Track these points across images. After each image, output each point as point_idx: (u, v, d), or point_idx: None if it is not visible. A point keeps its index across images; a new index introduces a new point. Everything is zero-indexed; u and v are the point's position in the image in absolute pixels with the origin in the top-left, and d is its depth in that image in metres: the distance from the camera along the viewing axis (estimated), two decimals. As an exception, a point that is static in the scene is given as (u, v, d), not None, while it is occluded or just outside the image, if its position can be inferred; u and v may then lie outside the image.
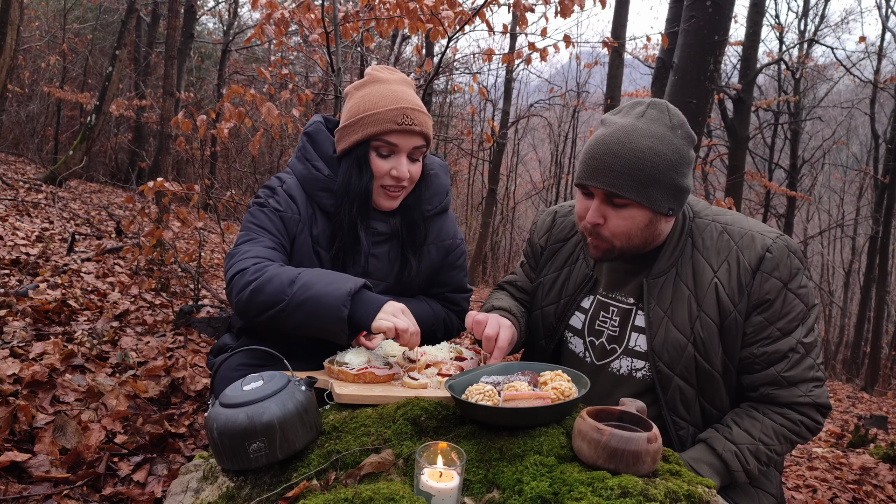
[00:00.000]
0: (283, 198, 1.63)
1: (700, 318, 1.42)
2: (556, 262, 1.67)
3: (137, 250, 4.70)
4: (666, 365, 1.44)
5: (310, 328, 1.41)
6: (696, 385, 1.45)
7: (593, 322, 1.57)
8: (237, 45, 13.61)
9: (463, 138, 12.92)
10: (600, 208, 1.40)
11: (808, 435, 1.43)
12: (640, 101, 1.42)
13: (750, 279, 1.39)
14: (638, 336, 1.50)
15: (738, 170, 8.50)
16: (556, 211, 1.75)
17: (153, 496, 1.95)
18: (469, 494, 1.06)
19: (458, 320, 1.89)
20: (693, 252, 1.45)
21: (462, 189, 20.46)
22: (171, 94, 7.23)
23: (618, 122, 1.38)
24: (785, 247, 1.40)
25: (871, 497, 3.63)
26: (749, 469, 1.38)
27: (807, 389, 1.40)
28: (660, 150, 1.34)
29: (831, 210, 19.56)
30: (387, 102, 1.56)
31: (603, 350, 1.55)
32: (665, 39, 4.50)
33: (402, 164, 1.58)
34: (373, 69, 1.68)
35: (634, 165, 1.33)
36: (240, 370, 1.57)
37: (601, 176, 1.35)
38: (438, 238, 1.78)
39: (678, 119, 1.39)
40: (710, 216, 1.50)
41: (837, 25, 21.62)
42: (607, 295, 1.56)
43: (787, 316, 1.39)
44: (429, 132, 1.62)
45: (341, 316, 1.35)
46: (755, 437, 1.39)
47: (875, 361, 11.84)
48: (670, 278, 1.46)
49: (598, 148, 1.37)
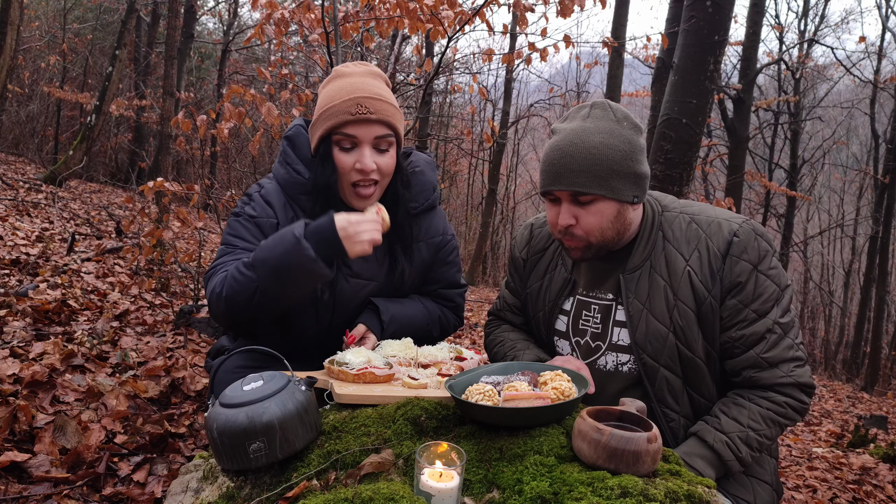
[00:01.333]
0: (258, 204, 1.63)
1: (677, 306, 1.46)
2: (538, 272, 1.72)
3: (137, 250, 4.71)
4: (650, 356, 1.48)
5: (295, 289, 1.43)
6: (682, 374, 1.49)
7: (576, 322, 1.61)
8: (237, 45, 13.61)
9: (463, 138, 12.92)
10: (570, 209, 1.45)
11: (795, 416, 1.44)
12: (583, 106, 1.50)
13: (720, 264, 1.43)
14: (620, 330, 1.54)
15: (738, 170, 8.51)
16: (531, 224, 1.80)
17: (153, 496, 1.95)
18: (469, 494, 1.06)
19: (455, 317, 1.88)
20: (665, 244, 1.50)
21: (462, 189, 20.47)
22: (171, 94, 7.24)
23: (566, 127, 1.46)
24: (751, 230, 1.45)
25: (871, 497, 3.63)
26: (742, 457, 1.41)
27: (788, 370, 1.42)
28: (611, 143, 1.41)
29: (831, 210, 19.56)
30: (342, 95, 1.56)
31: (588, 348, 1.59)
32: (665, 39, 4.50)
33: (364, 156, 1.56)
34: (341, 65, 1.68)
35: (592, 161, 1.40)
36: (238, 372, 1.56)
37: (563, 179, 1.42)
38: (428, 235, 1.77)
39: (622, 113, 1.47)
40: (678, 209, 1.55)
41: (837, 25, 21.69)
42: (587, 294, 1.60)
43: (760, 297, 1.42)
44: (391, 120, 1.59)
45: (309, 255, 1.38)
46: (744, 425, 1.41)
47: (875, 361, 11.84)
48: (645, 271, 1.50)
49: (553, 154, 1.44)
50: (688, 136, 3.40)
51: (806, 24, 14.39)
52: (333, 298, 1.66)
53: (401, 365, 1.49)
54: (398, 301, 1.75)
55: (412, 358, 1.52)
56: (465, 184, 20.00)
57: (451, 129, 16.00)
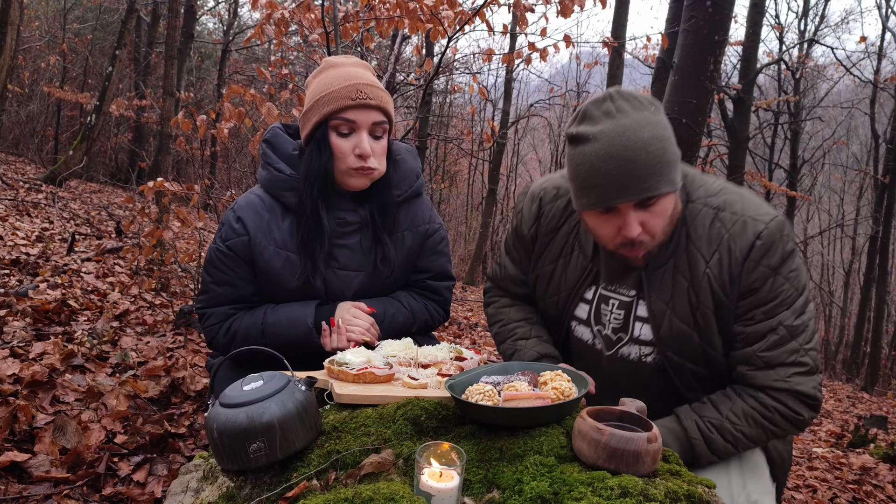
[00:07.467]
0: (228, 228, 1.64)
1: (700, 308, 1.42)
2: (551, 254, 1.62)
3: (137, 250, 4.71)
4: (675, 353, 1.46)
5: (296, 351, 1.60)
6: (706, 367, 1.46)
7: (598, 312, 1.56)
8: (237, 45, 13.61)
9: (463, 138, 12.92)
10: (636, 217, 1.32)
11: (784, 424, 1.38)
12: (598, 101, 1.33)
13: (739, 269, 1.37)
14: (642, 325, 1.50)
15: (739, 170, 8.51)
16: (540, 197, 1.64)
17: (153, 496, 1.95)
18: (469, 494, 1.06)
19: (441, 311, 1.87)
20: (687, 243, 1.43)
21: (462, 189, 20.47)
22: (171, 94, 7.23)
23: (599, 130, 1.28)
24: (777, 230, 1.36)
25: (871, 497, 3.63)
26: (712, 440, 1.38)
27: (785, 374, 1.36)
28: (659, 133, 1.29)
29: (831, 210, 19.55)
30: (340, 82, 1.57)
31: (609, 339, 1.56)
32: (665, 39, 4.50)
33: (363, 141, 1.57)
34: (330, 57, 1.70)
35: (654, 160, 1.27)
36: (238, 371, 1.57)
37: (630, 188, 1.27)
38: (413, 224, 1.76)
39: (643, 97, 1.33)
40: (703, 199, 1.44)
41: (837, 25, 21.61)
42: (607, 287, 1.55)
43: (773, 300, 1.37)
44: (387, 107, 1.61)
45: (315, 342, 1.63)
46: (722, 414, 1.39)
47: (875, 361, 11.84)
48: (668, 270, 1.44)
49: (606, 164, 1.26)
50: (688, 136, 3.40)
51: (806, 24, 14.40)
52: (325, 292, 1.68)
53: (401, 365, 1.48)
54: (379, 300, 1.75)
55: (412, 358, 1.52)
56: (465, 184, 20.00)
57: (451, 129, 16.01)
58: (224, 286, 1.65)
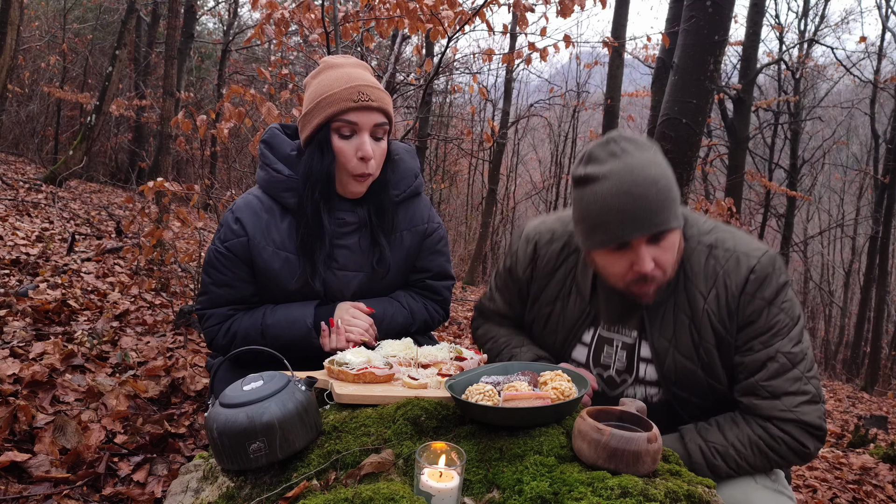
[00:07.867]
0: (227, 229, 1.64)
1: (702, 344, 1.44)
2: (547, 297, 1.63)
3: (137, 250, 4.70)
4: (680, 389, 1.48)
5: (296, 352, 1.59)
6: (712, 401, 1.48)
7: (598, 356, 1.57)
8: (237, 45, 13.60)
9: (463, 138, 12.92)
10: (649, 252, 1.35)
11: (790, 455, 1.38)
12: (603, 144, 1.37)
13: (736, 303, 1.41)
14: (647, 366, 1.51)
15: (738, 170, 8.52)
16: (535, 241, 1.64)
17: (153, 496, 1.95)
18: (469, 494, 1.06)
19: (441, 310, 1.87)
20: (685, 281, 1.46)
21: (462, 189, 20.47)
22: (171, 94, 7.23)
23: (607, 170, 1.32)
24: (770, 264, 1.41)
25: (871, 497, 3.63)
26: (715, 466, 1.38)
27: (791, 404, 1.37)
28: (664, 172, 1.35)
29: (831, 210, 19.57)
30: (341, 83, 1.57)
31: (612, 381, 1.56)
32: (665, 39, 4.49)
33: (365, 143, 1.57)
34: (328, 57, 1.69)
35: (663, 196, 1.32)
36: (238, 371, 1.57)
37: (643, 223, 1.30)
38: (412, 223, 1.75)
39: (642, 139, 1.40)
40: (696, 237, 1.48)
41: (837, 25, 21.58)
42: (609, 328, 1.55)
43: (770, 330, 1.40)
44: (388, 109, 1.61)
45: (315, 343, 1.63)
46: (728, 440, 1.39)
47: (875, 361, 11.84)
48: (669, 308, 1.47)
49: (618, 200, 1.30)
50: (688, 136, 3.40)
51: (806, 24, 14.40)
52: (324, 293, 1.68)
53: (401, 365, 1.48)
54: (377, 300, 1.75)
55: (412, 358, 1.52)
56: (465, 184, 20.01)
57: (451, 129, 16.01)
58: (223, 287, 1.65)
